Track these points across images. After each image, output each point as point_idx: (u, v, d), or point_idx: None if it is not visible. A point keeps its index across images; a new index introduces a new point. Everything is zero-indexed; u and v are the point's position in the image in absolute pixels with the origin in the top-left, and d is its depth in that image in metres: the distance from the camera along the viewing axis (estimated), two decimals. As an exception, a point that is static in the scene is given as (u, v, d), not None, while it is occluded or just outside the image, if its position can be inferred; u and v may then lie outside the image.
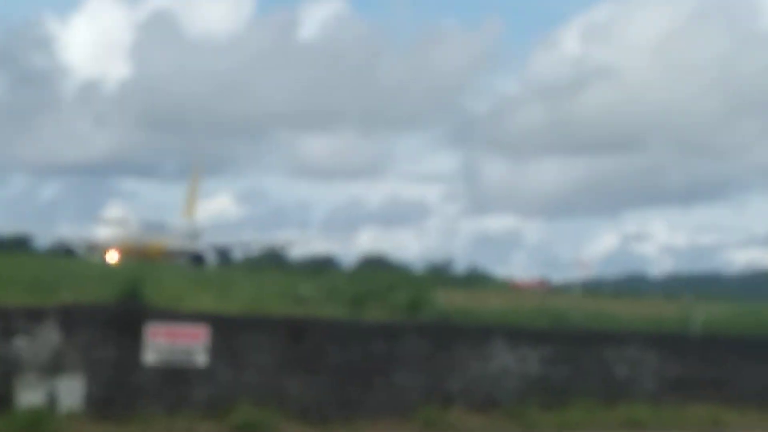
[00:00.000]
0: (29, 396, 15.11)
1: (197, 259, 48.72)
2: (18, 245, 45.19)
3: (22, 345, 14.93)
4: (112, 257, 43.39)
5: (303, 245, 56.40)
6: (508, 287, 37.75)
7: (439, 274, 37.97)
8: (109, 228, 48.01)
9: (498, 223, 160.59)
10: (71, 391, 15.27)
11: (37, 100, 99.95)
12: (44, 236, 50.49)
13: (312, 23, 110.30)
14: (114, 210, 51.61)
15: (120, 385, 15.11)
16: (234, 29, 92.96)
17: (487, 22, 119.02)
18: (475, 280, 39.12)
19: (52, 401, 14.91)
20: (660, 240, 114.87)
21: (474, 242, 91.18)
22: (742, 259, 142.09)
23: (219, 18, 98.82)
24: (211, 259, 50.52)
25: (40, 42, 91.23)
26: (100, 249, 46.14)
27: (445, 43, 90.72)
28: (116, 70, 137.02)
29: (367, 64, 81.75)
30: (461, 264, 46.52)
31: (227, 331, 14.92)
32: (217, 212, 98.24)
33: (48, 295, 14.94)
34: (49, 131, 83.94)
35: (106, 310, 14.84)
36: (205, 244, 52.47)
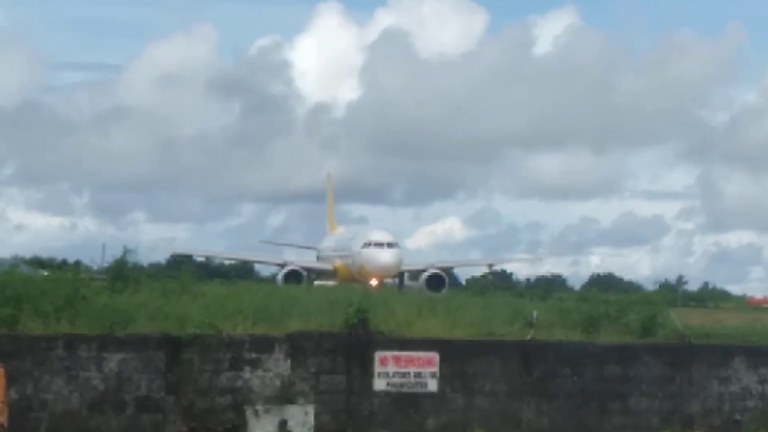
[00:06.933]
0: (260, 427, 14.51)
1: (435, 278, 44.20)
2: (243, 273, 47.83)
3: (251, 376, 14.90)
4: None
5: (533, 266, 56.63)
6: (743, 305, 35.93)
7: (671, 293, 36.27)
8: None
9: (736, 239, 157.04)
10: (301, 422, 14.67)
11: (268, 126, 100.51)
12: (270, 263, 50.49)
13: (545, 39, 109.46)
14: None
15: (350, 414, 14.64)
16: (466, 47, 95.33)
17: (728, 30, 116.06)
18: (710, 297, 37.25)
19: (282, 432, 14.33)
20: None
21: (709, 260, 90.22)
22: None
23: (450, 36, 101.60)
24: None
25: (271, 68, 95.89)
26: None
27: (683, 53, 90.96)
28: (345, 93, 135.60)
29: (600, 78, 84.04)
30: (693, 282, 44.16)
31: (458, 356, 14.82)
32: (443, 234, 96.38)
33: (275, 324, 15.14)
34: (279, 159, 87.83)
35: (335, 338, 14.96)
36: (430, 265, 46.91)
